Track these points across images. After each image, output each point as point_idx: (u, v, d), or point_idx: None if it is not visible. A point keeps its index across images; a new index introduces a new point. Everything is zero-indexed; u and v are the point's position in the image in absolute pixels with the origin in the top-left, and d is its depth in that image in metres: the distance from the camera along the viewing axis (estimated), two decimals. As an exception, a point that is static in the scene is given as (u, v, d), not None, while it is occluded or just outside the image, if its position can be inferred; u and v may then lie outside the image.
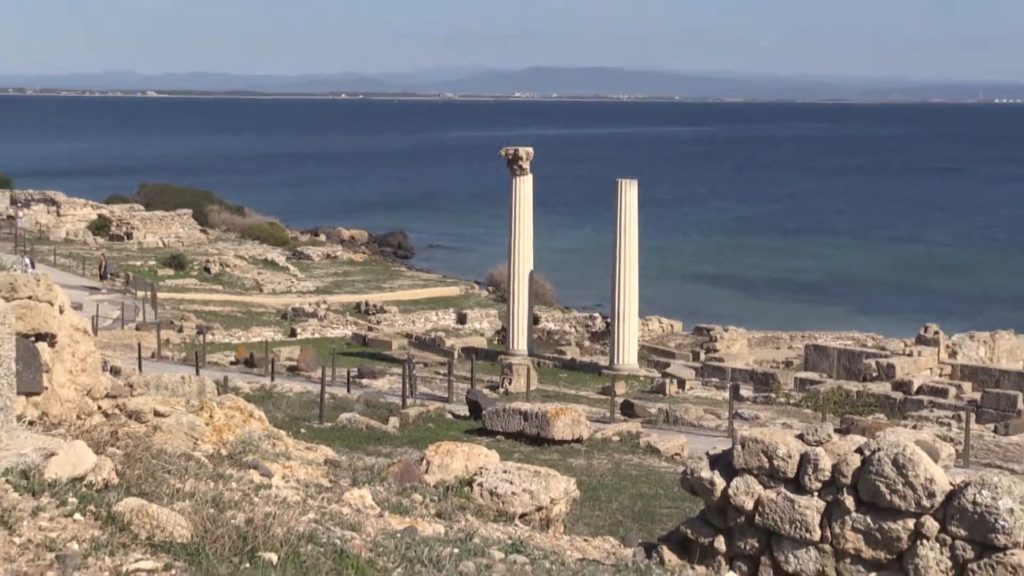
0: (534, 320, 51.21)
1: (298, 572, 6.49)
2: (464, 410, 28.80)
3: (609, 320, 49.26)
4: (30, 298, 9.84)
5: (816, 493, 9.37)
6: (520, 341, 48.07)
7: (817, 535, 9.32)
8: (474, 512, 11.46)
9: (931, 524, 8.82)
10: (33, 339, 9.75)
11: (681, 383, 42.01)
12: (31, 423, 9.01)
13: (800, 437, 9.78)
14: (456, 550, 8.05)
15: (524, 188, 48.93)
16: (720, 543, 9.90)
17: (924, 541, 8.84)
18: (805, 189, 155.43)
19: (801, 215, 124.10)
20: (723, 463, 9.96)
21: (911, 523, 8.91)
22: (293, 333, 53.73)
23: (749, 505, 9.66)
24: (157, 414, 11.52)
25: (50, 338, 10.11)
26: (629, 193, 46.69)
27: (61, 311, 10.54)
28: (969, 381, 41.39)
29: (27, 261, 54.04)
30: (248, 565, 6.39)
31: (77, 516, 6.60)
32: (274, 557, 6.62)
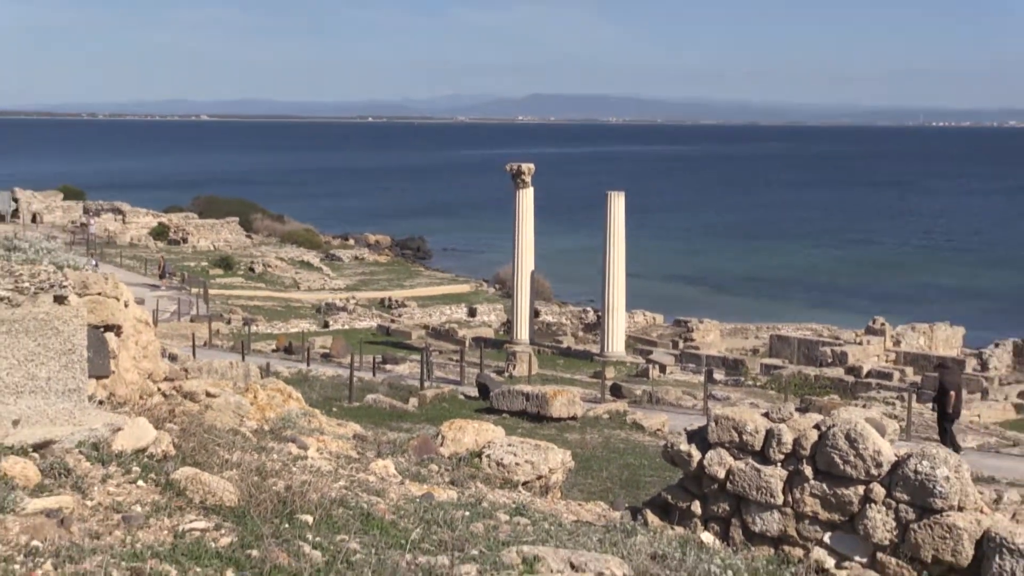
0: (535, 313, 51.20)
1: (331, 532, 6.50)
2: (474, 392, 28.80)
3: (600, 313, 49.23)
4: (99, 294, 9.84)
5: (779, 463, 9.37)
6: (523, 331, 48.08)
7: (780, 500, 9.32)
8: (483, 480, 11.46)
9: (878, 490, 8.82)
10: (102, 329, 9.75)
11: (662, 368, 42.02)
12: (100, 402, 9.01)
13: (766, 415, 9.78)
14: (467, 513, 8.05)
15: (526, 199, 48.93)
16: (696, 507, 9.91)
17: (872, 505, 8.84)
18: (769, 200, 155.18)
19: (766, 222, 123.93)
20: (699, 438, 9.96)
21: (861, 489, 8.92)
22: (326, 325, 53.73)
23: (721, 474, 9.66)
24: (209, 395, 11.53)
25: (116, 329, 10.11)
26: (617, 203, 46.70)
27: (126, 305, 10.55)
28: (911, 366, 41.41)
29: (94, 262, 54.09)
30: (287, 525, 6.40)
31: (140, 483, 6.62)
32: (310, 519, 6.63)
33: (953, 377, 22.64)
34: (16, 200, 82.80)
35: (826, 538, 9.11)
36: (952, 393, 22.12)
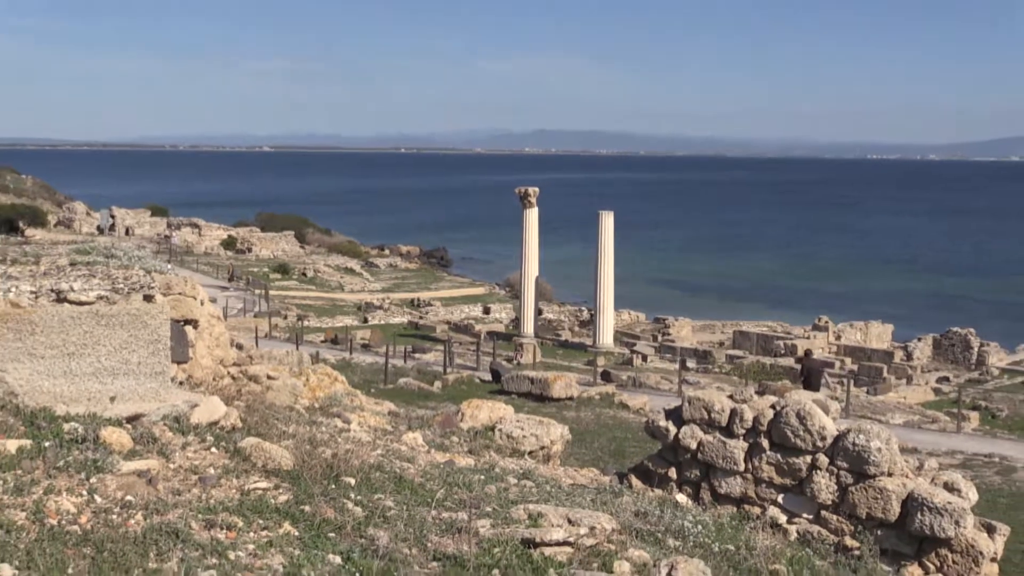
0: (538, 311, 51.16)
1: (370, 491, 6.52)
2: (488, 376, 28.80)
3: (592, 311, 49.20)
4: (180, 294, 9.90)
5: (741, 437, 9.38)
6: (528, 327, 48.06)
7: (742, 467, 9.32)
8: (495, 450, 11.47)
9: (823, 459, 8.83)
10: (182, 323, 9.80)
11: (644, 357, 41.97)
12: (181, 383, 9.05)
13: (730, 397, 9.78)
14: (482, 477, 8.07)
15: (532, 217, 48.92)
16: (672, 473, 9.91)
17: (818, 471, 8.84)
18: (734, 218, 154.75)
19: (731, 237, 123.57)
20: (675, 415, 9.97)
21: (808, 458, 8.92)
22: (365, 320, 53.77)
23: (693, 446, 9.67)
24: (269, 377, 11.56)
25: (194, 322, 10.16)
26: (607, 221, 46.68)
27: (202, 303, 10.59)
28: (850, 357, 41.33)
29: (169, 267, 54.18)
30: (334, 486, 6.42)
31: (213, 449, 6.65)
32: (352, 481, 6.65)
33: (810, 363, 23.56)
34: (113, 216, 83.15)
35: (779, 499, 9.12)
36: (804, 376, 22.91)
